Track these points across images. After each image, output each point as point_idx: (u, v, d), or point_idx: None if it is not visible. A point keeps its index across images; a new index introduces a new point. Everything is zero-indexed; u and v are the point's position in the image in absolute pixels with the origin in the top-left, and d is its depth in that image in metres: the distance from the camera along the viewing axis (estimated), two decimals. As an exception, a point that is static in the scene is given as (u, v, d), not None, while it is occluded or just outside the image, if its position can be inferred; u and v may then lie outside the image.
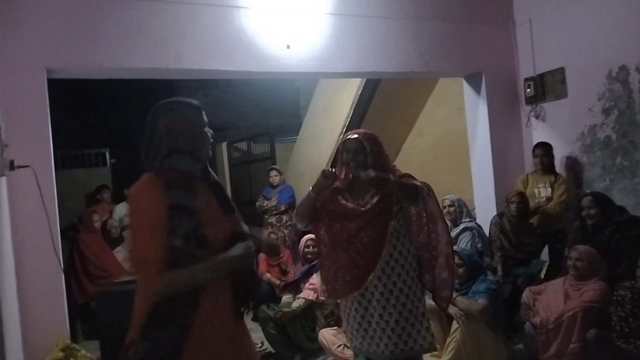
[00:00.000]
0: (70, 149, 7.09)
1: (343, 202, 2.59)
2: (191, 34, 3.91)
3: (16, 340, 3.10)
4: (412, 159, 6.81)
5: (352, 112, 6.62)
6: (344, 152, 2.58)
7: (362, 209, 2.52)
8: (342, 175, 2.61)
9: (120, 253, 5.47)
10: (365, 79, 6.36)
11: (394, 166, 2.63)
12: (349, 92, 6.65)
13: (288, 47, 4.22)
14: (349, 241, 2.52)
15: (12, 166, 2.95)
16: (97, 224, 5.52)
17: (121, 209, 5.85)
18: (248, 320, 5.72)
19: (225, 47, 4.02)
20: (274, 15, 4.18)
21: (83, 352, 3.29)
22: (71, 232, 5.24)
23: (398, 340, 2.50)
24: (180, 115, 1.77)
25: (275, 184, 6.24)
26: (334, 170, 2.52)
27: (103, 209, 5.90)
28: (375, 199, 2.52)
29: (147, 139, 1.77)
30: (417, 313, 2.54)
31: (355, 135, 2.57)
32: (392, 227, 2.51)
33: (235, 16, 4.06)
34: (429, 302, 3.70)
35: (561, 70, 4.72)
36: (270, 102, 12.21)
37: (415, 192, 2.44)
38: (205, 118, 1.84)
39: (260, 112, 12.28)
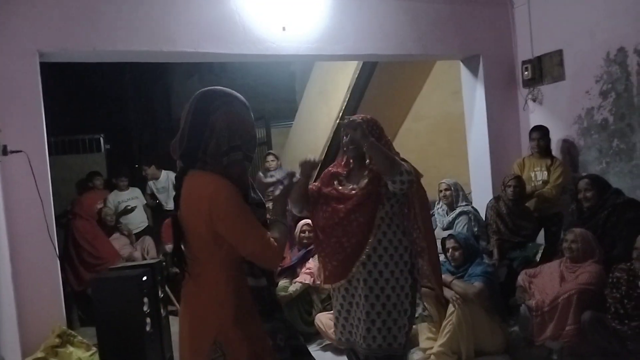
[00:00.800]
0: (64, 135, 7.03)
1: (338, 186, 2.59)
2: (185, 16, 3.86)
3: (12, 326, 3.10)
4: (409, 142, 6.78)
5: (348, 95, 6.57)
6: (343, 137, 2.57)
7: (352, 192, 2.52)
8: (342, 161, 2.63)
9: (116, 240, 5.44)
10: (361, 63, 6.30)
11: (397, 153, 2.59)
12: (346, 76, 6.59)
13: (284, 29, 4.16)
14: (338, 224, 2.51)
15: (5, 151, 2.93)
16: (94, 209, 5.50)
17: (114, 197, 5.83)
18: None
19: (220, 29, 3.97)
20: (269, -3, 4.11)
21: (79, 338, 3.30)
22: (65, 218, 5.21)
23: (377, 334, 2.46)
24: (237, 112, 1.68)
25: (272, 169, 6.21)
26: (314, 159, 2.52)
27: (95, 196, 5.85)
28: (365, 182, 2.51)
29: (196, 131, 1.64)
30: (401, 309, 2.50)
31: (354, 118, 2.55)
32: (382, 212, 2.49)
33: (230, -2, 4.00)
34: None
35: (559, 53, 4.68)
36: (266, 86, 12.12)
37: (392, 164, 2.38)
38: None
39: (256, 96, 12.15)
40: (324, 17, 4.32)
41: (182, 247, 1.68)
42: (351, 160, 2.64)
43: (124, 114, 12.39)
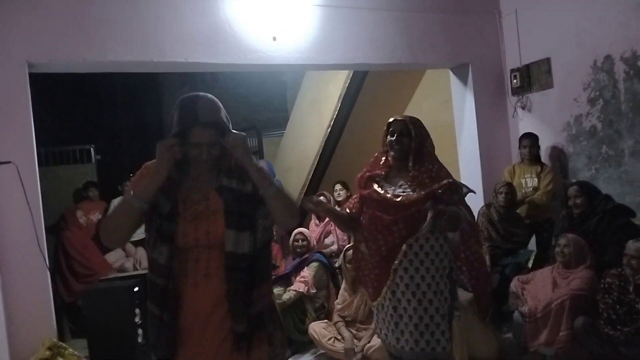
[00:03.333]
0: (54, 146, 6.99)
1: (378, 189, 2.48)
2: (175, 26, 3.86)
3: (2, 339, 3.06)
4: (399, 151, 6.80)
5: (339, 104, 6.59)
6: (387, 135, 2.50)
7: (397, 199, 2.41)
8: (382, 161, 2.55)
9: (113, 253, 5.38)
10: (352, 72, 6.33)
11: (437, 159, 2.56)
12: (336, 85, 6.62)
13: (274, 39, 4.17)
14: (379, 232, 2.44)
15: (-7, 162, 2.90)
16: (82, 220, 5.44)
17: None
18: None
19: (210, 39, 3.97)
20: (260, 7, 4.13)
21: (70, 350, 3.25)
22: (55, 230, 5.16)
23: (419, 338, 2.41)
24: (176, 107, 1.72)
25: None
26: (314, 200, 2.50)
27: (89, 207, 5.82)
28: (409, 191, 2.42)
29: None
30: (443, 313, 2.45)
31: (402, 117, 2.50)
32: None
33: (220, 7, 4.00)
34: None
35: (547, 61, 4.74)
36: (257, 96, 12.13)
37: (458, 223, 2.38)
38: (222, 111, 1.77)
39: (247, 106, 12.19)
40: (315, 27, 4.34)
41: None
42: (390, 160, 2.54)
43: (115, 124, 12.34)
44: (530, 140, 4.61)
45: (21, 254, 3.30)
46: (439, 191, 2.39)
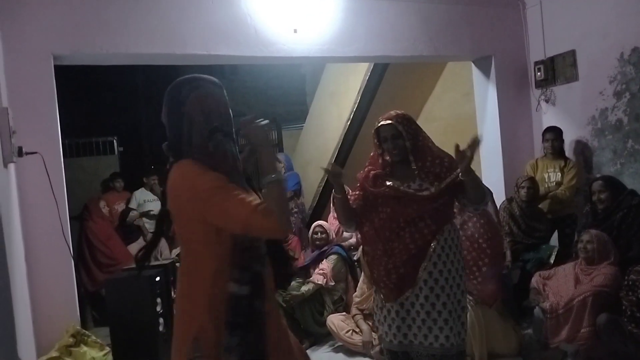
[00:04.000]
0: (77, 137, 7.11)
1: (392, 184, 2.41)
2: (196, 19, 3.88)
3: (27, 326, 3.13)
4: (420, 144, 6.75)
5: (359, 97, 6.56)
6: (382, 142, 2.44)
7: (421, 193, 2.34)
8: (381, 160, 2.48)
9: (137, 244, 5.45)
10: (372, 64, 6.29)
11: (441, 149, 2.49)
12: (357, 78, 6.59)
13: (295, 31, 4.17)
14: (402, 229, 2.35)
15: (20, 152, 2.96)
16: (105, 211, 5.53)
17: (140, 195, 5.87)
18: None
19: (231, 31, 3.99)
20: (281, -1, 4.13)
21: (93, 337, 3.31)
22: (79, 220, 5.26)
23: (439, 333, 2.33)
24: (207, 94, 1.63)
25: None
26: (337, 168, 2.45)
27: (114, 197, 5.93)
28: (426, 185, 2.36)
29: (174, 124, 1.62)
30: (464, 305, 2.42)
31: (388, 122, 2.40)
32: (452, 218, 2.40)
33: (242, 0, 4.01)
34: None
35: (572, 53, 4.64)
36: (276, 89, 12.15)
37: (484, 193, 2.34)
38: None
39: (266, 99, 12.23)
40: (335, 19, 4.32)
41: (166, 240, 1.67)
42: (389, 159, 2.48)
43: (136, 117, 12.46)
44: (553, 133, 4.54)
45: (46, 243, 3.37)
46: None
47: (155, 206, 5.83)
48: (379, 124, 2.44)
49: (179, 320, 1.65)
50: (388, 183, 2.42)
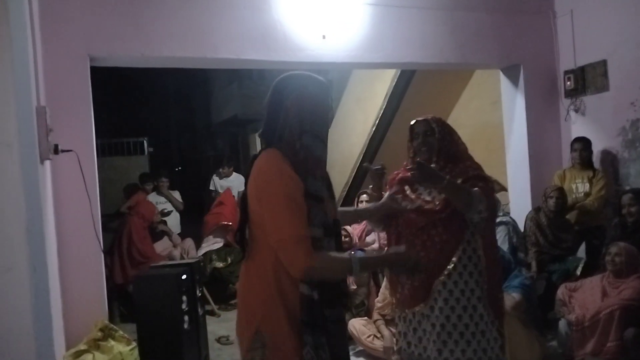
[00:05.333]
0: (110, 138, 7.31)
1: (410, 194, 2.38)
2: (228, 24, 3.96)
3: (58, 319, 3.22)
4: (445, 152, 6.72)
5: (385, 103, 6.59)
6: (413, 139, 2.41)
7: (430, 203, 2.29)
8: (409, 165, 2.40)
9: (161, 243, 5.62)
10: (399, 71, 6.31)
11: (471, 157, 2.43)
12: (383, 83, 6.61)
13: (324, 37, 4.22)
14: (416, 236, 2.29)
15: (56, 150, 3.05)
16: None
17: (152, 199, 6.05)
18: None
19: (262, 37, 4.06)
20: (310, 6, 4.18)
21: (120, 332, 3.39)
22: (125, 214, 5.45)
23: (466, 347, 2.24)
24: (311, 95, 1.68)
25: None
26: (381, 166, 2.38)
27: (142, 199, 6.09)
28: (436, 193, 2.29)
29: (272, 115, 1.69)
30: (488, 320, 2.28)
31: (423, 117, 2.40)
32: (468, 232, 2.26)
33: (272, 6, 4.09)
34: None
35: (603, 63, 4.58)
36: (303, 94, 12.22)
37: (469, 200, 2.16)
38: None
39: (293, 104, 12.31)
40: (364, 25, 4.35)
41: (246, 228, 1.68)
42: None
43: (166, 119, 12.72)
44: (581, 144, 4.48)
45: (79, 239, 3.48)
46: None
47: (167, 206, 6.07)
48: (414, 121, 2.42)
49: (242, 311, 1.70)
50: (409, 194, 2.39)
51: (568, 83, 4.85)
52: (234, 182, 6.62)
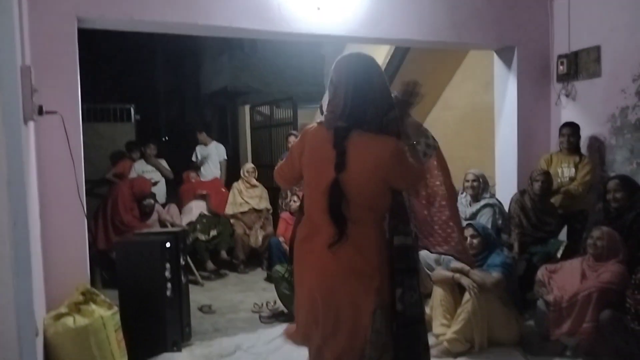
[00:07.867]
0: (96, 103, 7.17)
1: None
2: (221, -10, 3.87)
3: (39, 281, 3.20)
4: (435, 132, 6.66)
5: (377, 81, 6.54)
6: None
7: None
8: None
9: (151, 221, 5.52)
10: (393, 48, 6.25)
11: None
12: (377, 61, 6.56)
13: (318, 9, 4.15)
14: None
15: (40, 111, 2.98)
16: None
17: (139, 166, 5.99)
18: (262, 281, 5.74)
19: (255, 6, 3.98)
20: (306, -24, 4.10)
21: (102, 297, 3.37)
22: (113, 180, 5.43)
23: None
24: (383, 75, 2.02)
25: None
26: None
27: (127, 166, 6.03)
28: None
29: (360, 97, 1.91)
30: None
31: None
32: None
33: (267, -26, 4.00)
34: (441, 271, 3.72)
35: (597, 49, 4.57)
36: (294, 68, 12.11)
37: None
38: None
39: (283, 78, 12.20)
40: (359, -1, 4.29)
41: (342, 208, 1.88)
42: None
43: (154, 87, 12.53)
44: (570, 129, 4.51)
45: (61, 202, 3.43)
46: None
47: (154, 176, 5.97)
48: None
49: (362, 276, 1.90)
50: None
51: (561, 67, 4.85)
52: (212, 151, 6.58)
